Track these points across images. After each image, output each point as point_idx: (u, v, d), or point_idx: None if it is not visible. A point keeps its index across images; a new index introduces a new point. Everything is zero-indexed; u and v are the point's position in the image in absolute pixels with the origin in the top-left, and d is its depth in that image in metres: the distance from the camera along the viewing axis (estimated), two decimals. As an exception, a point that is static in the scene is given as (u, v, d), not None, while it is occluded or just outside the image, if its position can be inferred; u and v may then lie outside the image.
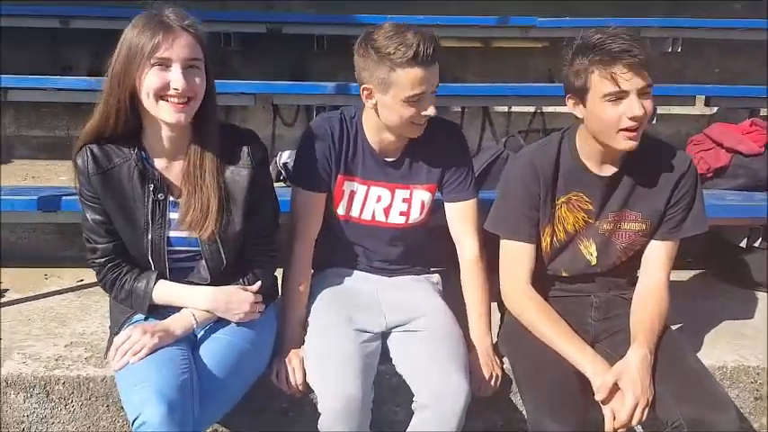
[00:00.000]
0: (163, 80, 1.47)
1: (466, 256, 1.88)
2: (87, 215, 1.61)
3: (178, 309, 1.64)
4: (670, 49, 3.97)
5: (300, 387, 1.71)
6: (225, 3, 4.45)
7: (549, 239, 1.80)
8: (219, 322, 1.68)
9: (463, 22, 3.94)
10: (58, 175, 3.29)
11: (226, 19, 3.99)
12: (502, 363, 1.87)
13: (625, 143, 1.62)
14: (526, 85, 3.55)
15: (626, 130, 1.60)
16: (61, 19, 3.98)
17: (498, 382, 1.81)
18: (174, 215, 1.62)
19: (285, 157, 2.92)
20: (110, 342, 1.70)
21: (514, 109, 3.63)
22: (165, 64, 1.47)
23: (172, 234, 1.63)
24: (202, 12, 4.28)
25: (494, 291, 1.88)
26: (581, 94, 1.64)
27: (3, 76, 3.25)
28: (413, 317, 1.81)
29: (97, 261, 1.64)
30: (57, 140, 3.69)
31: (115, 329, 1.68)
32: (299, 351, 1.74)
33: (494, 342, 1.88)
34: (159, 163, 1.62)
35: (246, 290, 1.67)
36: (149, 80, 1.47)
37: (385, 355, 1.79)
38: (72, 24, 3.99)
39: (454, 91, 3.28)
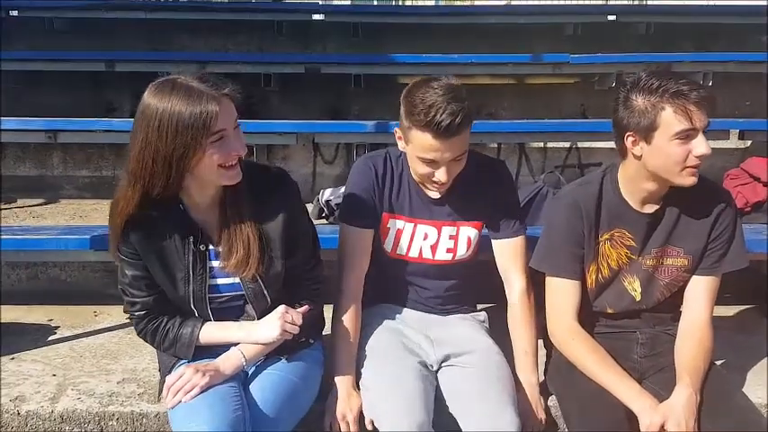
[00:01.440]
0: (225, 152, 1.48)
1: (513, 293, 1.89)
2: (126, 271, 1.62)
3: (226, 347, 1.67)
4: (701, 83, 3.96)
5: None
6: (263, 45, 4.61)
7: (593, 276, 1.81)
8: (269, 359, 1.70)
9: (497, 60, 4.01)
10: (105, 214, 3.37)
11: (265, 60, 4.12)
12: (547, 402, 1.86)
13: (689, 179, 1.64)
14: (561, 122, 3.59)
15: (691, 167, 1.61)
16: (107, 62, 4.14)
17: (544, 423, 1.81)
18: (214, 263, 1.63)
19: (327, 194, 2.97)
20: (161, 383, 1.73)
21: (550, 145, 3.65)
22: (218, 138, 1.47)
23: (215, 282, 1.64)
24: (244, 54, 4.50)
25: (540, 328, 1.89)
26: (645, 132, 1.63)
27: (53, 118, 3.39)
28: (462, 352, 1.82)
29: (137, 314, 1.65)
30: (102, 180, 3.81)
31: (166, 372, 1.70)
32: (354, 402, 1.73)
33: (540, 381, 1.87)
34: (197, 214, 1.62)
35: (281, 310, 1.65)
36: (215, 156, 1.47)
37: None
38: (117, 67, 4.15)
39: (491, 128, 3.33)
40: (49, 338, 2.27)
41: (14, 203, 3.62)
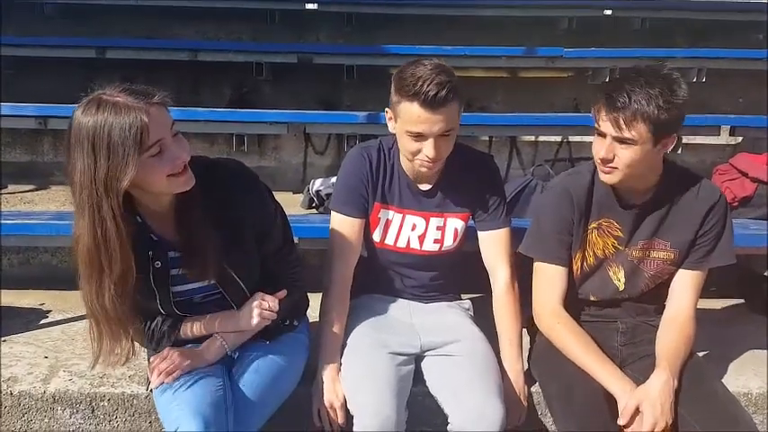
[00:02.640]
0: (167, 163, 1.39)
1: (498, 284, 1.92)
2: None
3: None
4: (695, 79, 4.01)
5: (342, 424, 1.74)
6: (256, 34, 4.60)
7: (579, 263, 1.85)
8: (254, 342, 1.73)
9: (490, 53, 4.02)
10: (96, 199, 3.39)
11: (257, 50, 4.11)
12: (530, 390, 1.90)
13: (604, 177, 1.72)
14: (553, 115, 3.62)
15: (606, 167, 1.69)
16: (98, 49, 4.13)
17: (525, 413, 1.85)
18: (175, 271, 1.59)
19: (318, 184, 2.99)
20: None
21: (541, 138, 3.69)
22: (157, 151, 1.37)
23: (181, 289, 1.63)
24: (236, 42, 4.49)
25: (524, 318, 1.93)
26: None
27: (43, 105, 3.38)
28: (447, 341, 1.86)
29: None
30: (94, 167, 3.80)
31: (152, 353, 1.73)
32: (339, 389, 1.75)
33: (524, 369, 1.90)
34: (154, 224, 1.56)
35: (257, 297, 1.65)
36: (159, 169, 1.38)
37: (417, 377, 1.83)
38: (108, 54, 4.13)
39: (482, 120, 3.35)
40: (41, 322, 2.29)
41: (5, 189, 3.62)
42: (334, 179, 2.97)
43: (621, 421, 1.64)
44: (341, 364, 1.81)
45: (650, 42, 4.48)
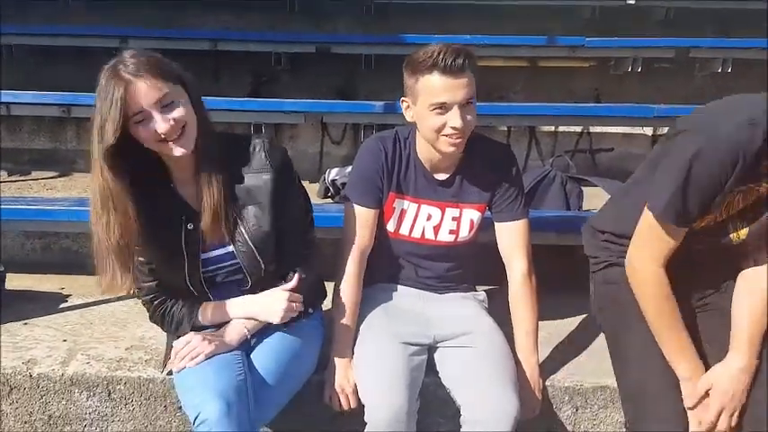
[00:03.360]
0: (149, 130, 1.51)
1: (515, 275, 1.90)
2: (134, 257, 1.64)
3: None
4: (720, 70, 3.94)
5: (354, 408, 1.75)
6: (275, 23, 4.61)
7: (706, 221, 1.64)
8: (271, 328, 1.75)
9: (510, 42, 3.98)
10: (117, 187, 3.43)
11: (276, 39, 4.12)
12: (544, 384, 1.89)
13: None
14: (573, 105, 3.58)
15: None
16: (121, 38, 4.17)
17: (540, 406, 1.84)
18: (203, 238, 1.66)
19: (333, 174, 3.00)
20: (168, 350, 1.80)
21: (561, 129, 3.65)
22: (142, 119, 1.50)
23: (206, 256, 1.69)
24: (255, 32, 4.50)
25: (541, 309, 1.91)
26: None
27: (67, 93, 3.43)
28: (461, 332, 1.85)
29: (145, 299, 1.73)
30: (115, 154, 3.84)
31: (173, 339, 1.76)
32: (351, 375, 1.77)
33: (539, 361, 1.89)
34: (183, 189, 1.67)
35: (282, 290, 1.70)
36: (140, 132, 1.51)
37: (430, 368, 1.83)
38: (130, 44, 4.17)
39: (501, 110, 3.33)
40: (61, 306, 2.32)
41: (29, 176, 3.68)
42: (350, 168, 2.96)
43: (688, 404, 1.58)
44: (353, 352, 1.82)
45: (674, 32, 4.40)
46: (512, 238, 1.92)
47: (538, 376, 1.85)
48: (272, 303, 1.69)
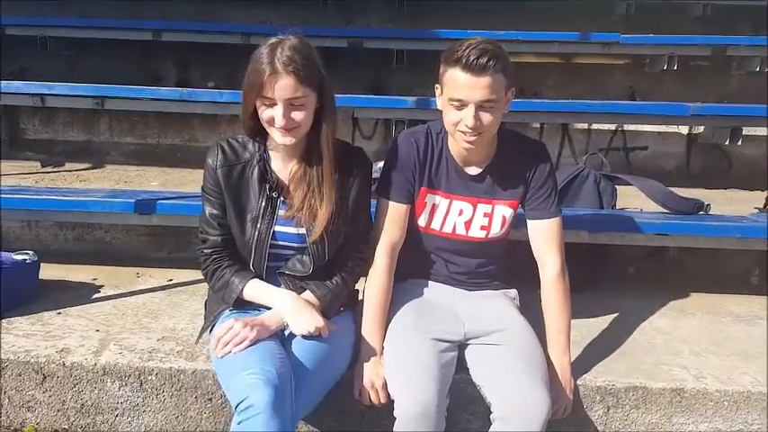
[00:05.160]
0: (268, 115, 1.68)
1: (547, 274, 1.87)
2: (206, 209, 1.80)
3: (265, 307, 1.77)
4: (758, 69, 3.84)
5: (384, 403, 1.74)
6: (307, 18, 4.61)
7: None
8: None
9: (544, 38, 3.93)
10: (149, 180, 3.48)
11: (308, 34, 4.09)
12: (575, 384, 1.86)
13: None
14: (608, 103, 3.51)
15: None
16: (154, 32, 4.21)
17: (571, 405, 1.81)
18: (281, 212, 1.78)
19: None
20: (203, 329, 1.86)
21: (595, 126, 3.59)
22: (270, 103, 1.66)
23: (277, 229, 1.78)
24: (287, 27, 4.51)
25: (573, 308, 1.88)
26: None
27: (101, 85, 3.47)
28: (492, 330, 1.83)
29: (205, 251, 1.81)
30: (147, 148, 3.90)
31: (210, 318, 1.82)
32: (380, 370, 1.76)
33: (571, 360, 1.86)
34: (276, 163, 1.81)
35: (321, 319, 1.73)
36: (261, 112, 1.69)
37: (459, 365, 1.81)
38: (164, 37, 4.21)
39: (534, 107, 3.29)
40: (94, 296, 2.35)
41: (62, 167, 3.74)
42: (381, 164, 2.95)
43: None
44: (383, 347, 1.81)
45: (712, 29, 4.30)
46: (544, 237, 1.89)
47: (569, 375, 1.83)
48: (306, 320, 1.71)
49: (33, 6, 4.47)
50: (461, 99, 1.70)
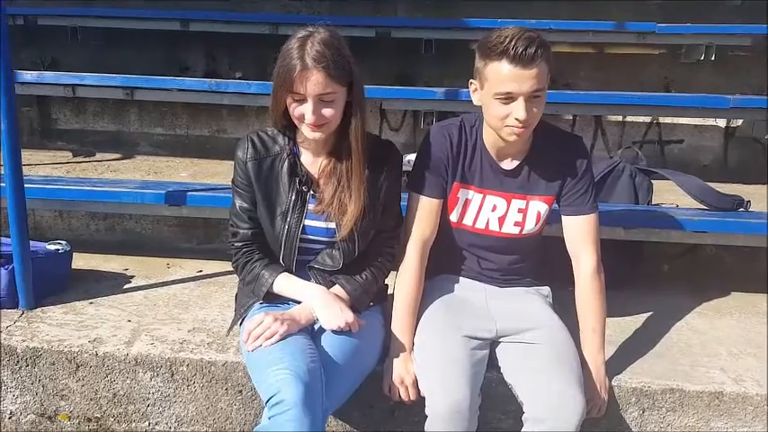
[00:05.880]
0: (299, 112, 1.65)
1: (582, 271, 1.83)
2: (236, 202, 1.80)
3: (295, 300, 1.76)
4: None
5: (413, 400, 1.72)
6: (334, 8, 4.57)
7: None
8: None
9: (577, 27, 3.85)
10: (178, 171, 3.49)
11: (335, 23, 4.07)
12: (610, 384, 1.82)
13: None
14: (643, 95, 3.42)
15: None
16: (181, 22, 4.20)
17: (606, 406, 1.78)
18: (311, 206, 1.76)
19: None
20: (233, 322, 1.86)
21: (629, 119, 3.51)
22: (300, 99, 1.63)
23: (307, 223, 1.77)
24: (314, 16, 4.49)
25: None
26: None
27: (130, 76, 3.48)
28: (525, 328, 1.80)
29: (236, 244, 1.81)
30: (176, 139, 3.91)
31: (241, 310, 1.82)
32: (410, 367, 1.74)
33: (605, 360, 1.82)
34: (306, 157, 1.79)
35: (351, 314, 1.71)
36: (291, 108, 1.67)
37: (491, 363, 1.79)
38: (191, 27, 4.20)
39: (566, 98, 3.22)
40: (125, 286, 2.36)
41: (93, 157, 3.77)
42: (410, 156, 2.92)
43: None
44: (413, 344, 1.79)
45: (752, 18, 4.16)
46: (580, 233, 1.85)
47: (604, 375, 1.79)
48: (335, 315, 1.70)
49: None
50: (510, 92, 1.65)
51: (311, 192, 1.77)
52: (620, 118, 3.52)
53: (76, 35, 4.30)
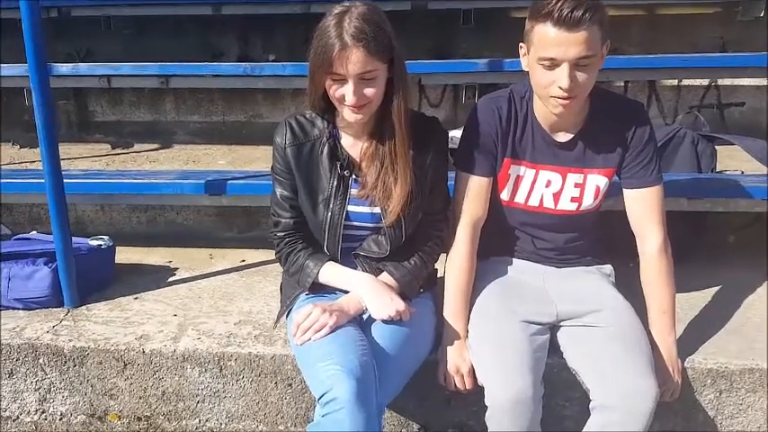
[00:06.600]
0: (339, 93, 1.55)
1: (648, 249, 1.71)
2: (276, 190, 1.72)
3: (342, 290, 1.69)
4: None
5: (470, 389, 1.64)
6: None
7: None
8: None
9: (626, -12, 3.63)
10: (216, 159, 3.45)
11: (370, -1, 3.96)
12: (683, 366, 1.70)
13: None
14: (699, 56, 3.19)
15: None
16: (213, 6, 4.13)
17: (679, 389, 1.66)
18: (354, 191, 1.68)
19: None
20: (280, 313, 1.79)
21: (685, 82, 3.30)
22: (340, 79, 1.53)
23: (351, 209, 1.68)
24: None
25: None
26: None
27: (165, 63, 3.43)
28: (588, 310, 1.68)
29: (278, 234, 1.74)
30: (213, 125, 3.87)
31: (287, 302, 1.75)
32: (466, 354, 1.66)
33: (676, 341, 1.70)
34: (346, 140, 1.70)
35: (402, 302, 1.63)
36: (330, 89, 1.57)
37: (551, 348, 1.68)
38: (223, 11, 4.13)
39: (617, 64, 3.02)
40: (169, 279, 2.33)
41: (131, 148, 3.76)
42: (453, 133, 2.79)
43: None
44: (467, 331, 1.70)
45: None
46: (645, 207, 1.72)
47: (676, 357, 1.68)
48: (386, 304, 1.62)
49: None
50: (553, 58, 1.52)
51: (354, 176, 1.68)
52: (675, 82, 3.32)
53: (110, 24, 4.27)
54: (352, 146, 1.70)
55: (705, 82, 3.29)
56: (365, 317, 1.66)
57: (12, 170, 2.90)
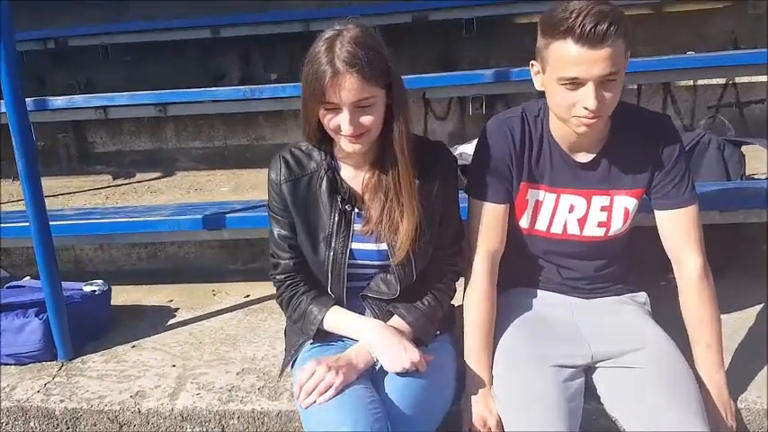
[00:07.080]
0: (334, 123, 1.44)
1: (687, 274, 1.55)
2: (274, 229, 1.60)
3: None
4: None
5: None
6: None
7: None
8: None
9: (632, -14, 3.49)
10: (219, 185, 3.35)
11: (369, 12, 3.85)
12: (736, 407, 1.54)
13: None
14: (714, 55, 3.04)
15: None
16: (212, 29, 4.05)
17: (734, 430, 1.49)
18: (357, 227, 1.55)
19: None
20: (285, 363, 1.65)
21: (701, 82, 3.15)
22: (334, 108, 1.41)
23: (355, 246, 1.55)
24: (346, 8, 4.25)
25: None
26: None
27: (161, 91, 3.33)
28: (626, 349, 1.52)
29: (278, 277, 1.61)
30: (215, 150, 3.78)
31: (291, 351, 1.61)
32: (492, 405, 1.51)
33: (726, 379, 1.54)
34: (346, 171, 1.58)
35: (416, 350, 1.48)
36: (324, 119, 1.45)
37: (588, 392, 1.52)
38: (222, 33, 4.04)
39: (630, 67, 2.83)
40: (169, 322, 2.21)
41: (133, 178, 3.66)
42: (463, 148, 2.64)
43: None
44: (492, 376, 1.54)
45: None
46: (680, 229, 1.56)
47: (728, 397, 1.51)
48: (398, 356, 1.45)
49: (91, 13, 4.41)
50: (577, 77, 1.37)
51: (356, 210, 1.55)
52: (690, 82, 3.17)
53: (107, 53, 4.19)
54: (353, 178, 1.57)
55: (722, 80, 3.14)
56: (377, 367, 1.50)
57: (5, 212, 2.79)
